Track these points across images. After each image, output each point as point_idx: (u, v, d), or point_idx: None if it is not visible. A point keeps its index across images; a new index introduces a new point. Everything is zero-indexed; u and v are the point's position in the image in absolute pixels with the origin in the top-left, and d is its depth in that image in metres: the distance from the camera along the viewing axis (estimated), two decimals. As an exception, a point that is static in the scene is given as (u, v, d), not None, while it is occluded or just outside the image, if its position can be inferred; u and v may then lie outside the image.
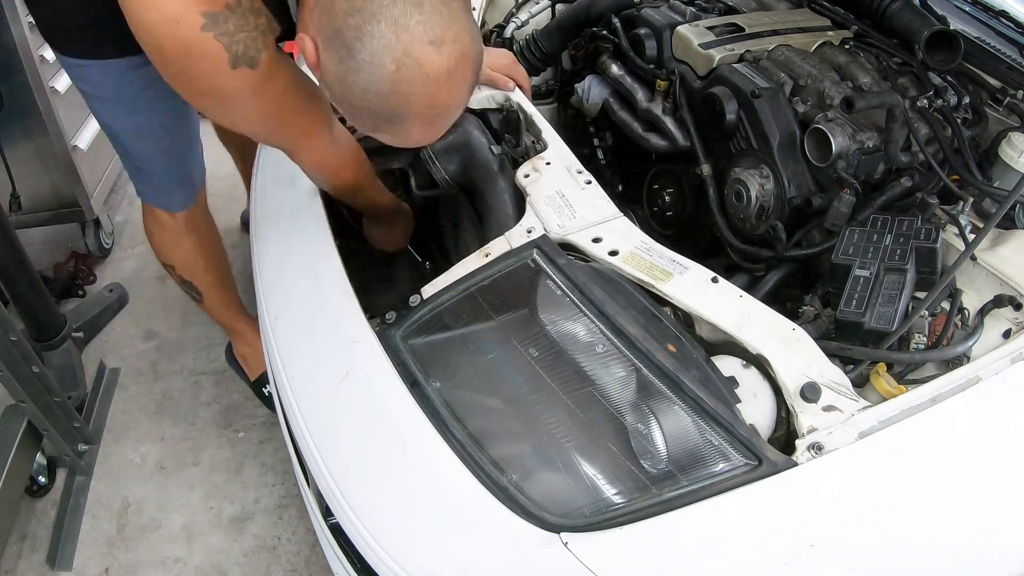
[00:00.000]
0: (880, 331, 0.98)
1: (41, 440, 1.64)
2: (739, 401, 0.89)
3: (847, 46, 1.41)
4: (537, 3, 1.87)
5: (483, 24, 1.87)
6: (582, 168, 1.20)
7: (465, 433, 0.90)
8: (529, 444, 0.92)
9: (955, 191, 1.16)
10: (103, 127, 1.30)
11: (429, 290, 1.04)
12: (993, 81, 1.31)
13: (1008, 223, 1.12)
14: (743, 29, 1.45)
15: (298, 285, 1.17)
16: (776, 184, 1.27)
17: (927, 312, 1.03)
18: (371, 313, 1.06)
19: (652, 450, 0.86)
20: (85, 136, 2.18)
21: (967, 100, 1.28)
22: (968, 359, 0.99)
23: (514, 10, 1.87)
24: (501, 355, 0.97)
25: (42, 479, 1.71)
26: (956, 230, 1.12)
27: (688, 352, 0.92)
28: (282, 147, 1.15)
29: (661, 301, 0.99)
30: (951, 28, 1.28)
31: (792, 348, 0.92)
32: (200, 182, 1.46)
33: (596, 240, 1.05)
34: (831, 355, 0.95)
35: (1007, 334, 1.02)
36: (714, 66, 1.38)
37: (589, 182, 1.16)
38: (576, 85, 1.67)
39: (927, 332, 1.03)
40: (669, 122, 1.45)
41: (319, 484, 0.96)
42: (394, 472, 0.91)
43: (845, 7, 1.50)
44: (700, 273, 1.01)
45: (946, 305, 1.06)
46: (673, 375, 0.88)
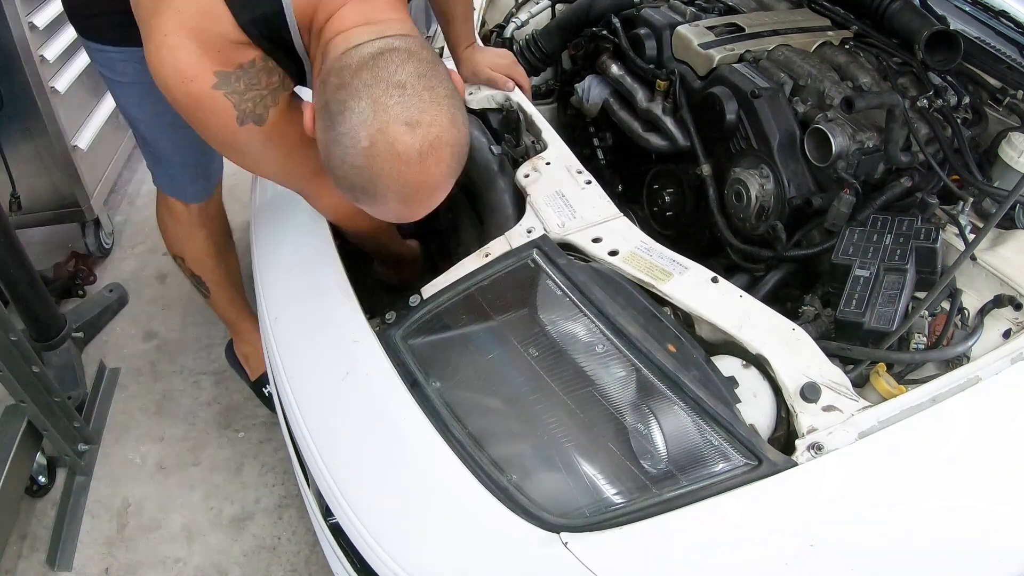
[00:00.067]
0: (880, 331, 0.98)
1: (41, 440, 1.64)
2: (739, 401, 0.89)
3: (847, 46, 1.41)
4: (537, 3, 1.87)
5: (483, 24, 1.87)
6: (582, 168, 1.20)
7: (465, 433, 0.90)
8: (529, 444, 0.92)
9: (955, 191, 1.16)
10: (122, 113, 1.31)
11: (429, 290, 1.04)
12: (993, 81, 1.31)
13: (1008, 223, 1.12)
14: (743, 29, 1.45)
15: (298, 285, 1.17)
16: (776, 184, 1.27)
17: (927, 312, 1.03)
18: (371, 313, 1.06)
19: (652, 450, 0.86)
20: (85, 136, 2.18)
21: (967, 100, 1.28)
22: (968, 359, 0.99)
23: (514, 10, 1.87)
24: (501, 355, 0.97)
25: (42, 479, 1.71)
26: (956, 230, 1.12)
27: (688, 352, 0.92)
28: (299, 192, 1.19)
29: (661, 301, 0.99)
30: (951, 28, 1.28)
31: (792, 348, 0.92)
32: (218, 176, 1.46)
33: (596, 240, 1.05)
34: (831, 355, 0.95)
35: (1007, 334, 1.02)
36: (714, 66, 1.38)
37: (589, 182, 1.16)
38: (576, 85, 1.67)
39: (927, 332, 1.03)
40: (669, 122, 1.45)
41: (319, 484, 0.96)
42: (394, 472, 0.91)
43: (845, 7, 1.50)
44: (700, 273, 1.01)
45: (946, 305, 1.06)
46: (673, 375, 0.88)
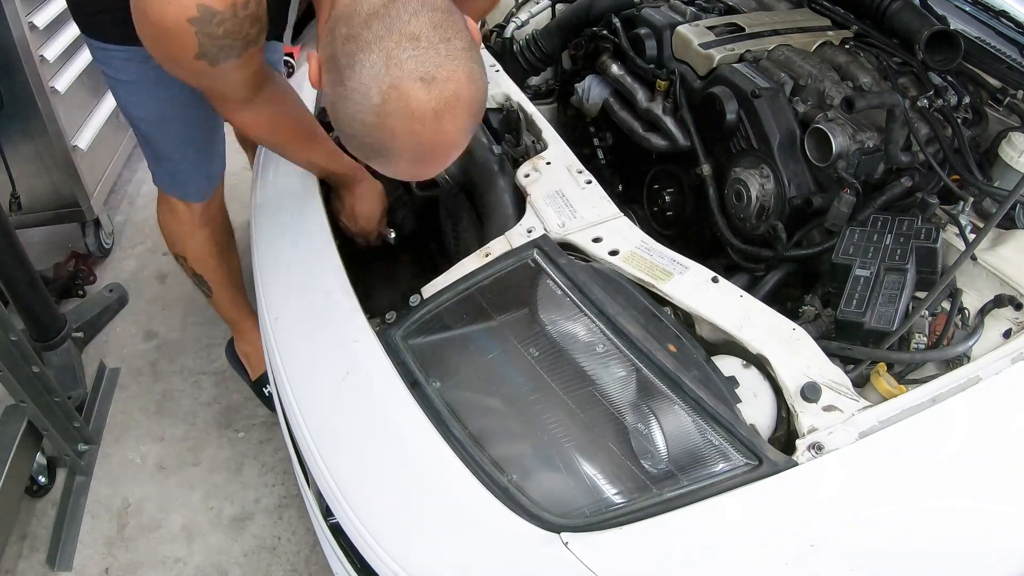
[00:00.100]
0: (880, 331, 0.98)
1: (41, 440, 1.64)
2: (739, 401, 0.89)
3: (847, 46, 1.41)
4: (537, 3, 1.87)
5: (483, 24, 1.87)
6: (582, 168, 1.20)
7: (465, 433, 0.90)
8: (529, 444, 0.92)
9: (955, 191, 1.16)
10: (123, 112, 1.29)
11: (429, 290, 1.04)
12: (993, 81, 1.31)
13: (1008, 223, 1.12)
14: (743, 29, 1.45)
15: (298, 285, 1.17)
16: (776, 184, 1.27)
17: (927, 312, 1.03)
18: (371, 313, 1.06)
19: (652, 450, 0.86)
20: (85, 136, 2.18)
21: (967, 100, 1.28)
22: (968, 359, 0.99)
23: (514, 10, 1.87)
24: (501, 355, 0.97)
25: (42, 479, 1.71)
26: (956, 230, 1.12)
27: (688, 352, 0.92)
28: (214, 103, 1.16)
29: (661, 301, 0.99)
30: (951, 28, 1.28)
31: (792, 348, 0.92)
32: (219, 175, 1.45)
33: (596, 240, 1.05)
34: (831, 355, 0.95)
35: (1007, 334, 1.02)
36: (714, 66, 1.38)
37: (589, 182, 1.16)
38: (576, 85, 1.67)
39: (927, 332, 1.03)
40: (669, 122, 1.45)
41: (319, 484, 0.96)
42: (394, 472, 0.91)
43: (845, 7, 1.50)
44: (700, 273, 1.01)
45: (946, 305, 1.05)
46: (673, 375, 0.88)
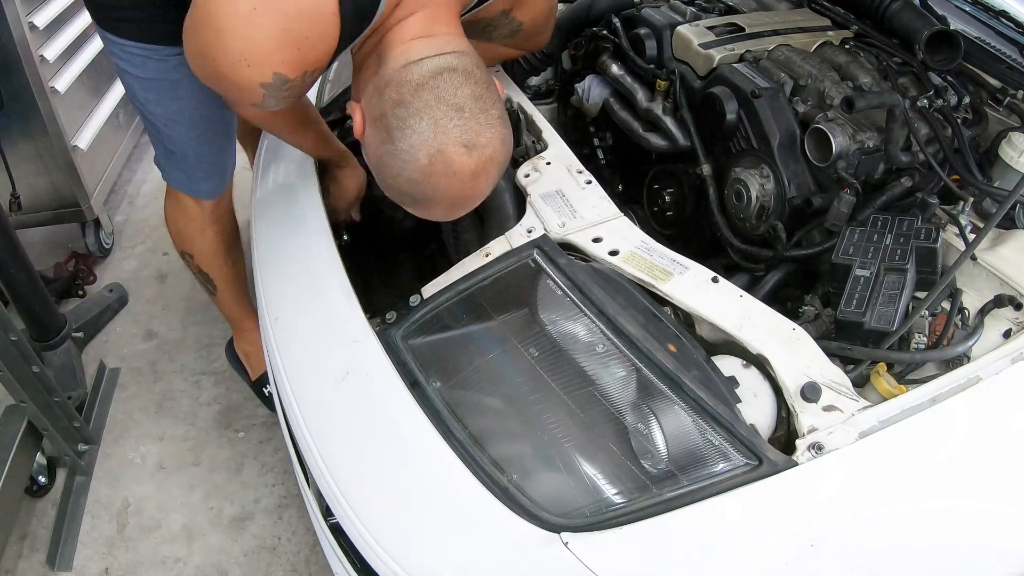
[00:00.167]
0: (880, 331, 0.98)
1: (41, 440, 1.64)
2: (739, 401, 0.89)
3: (847, 46, 1.41)
4: (537, 3, 1.87)
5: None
6: (582, 168, 1.20)
7: (465, 433, 0.90)
8: (529, 444, 0.92)
9: (955, 191, 1.16)
10: (138, 108, 1.28)
11: (429, 290, 1.04)
12: (993, 81, 1.31)
13: (1008, 223, 1.12)
14: (743, 29, 1.45)
15: (298, 285, 1.17)
16: (776, 184, 1.27)
17: (927, 312, 1.03)
18: (371, 313, 1.06)
19: (652, 450, 0.86)
20: (85, 136, 2.18)
21: (967, 100, 1.28)
22: (968, 359, 0.99)
23: (514, 10, 1.87)
24: (501, 355, 0.97)
25: (42, 479, 1.71)
26: (956, 230, 1.12)
27: (688, 352, 0.92)
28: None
29: (661, 301, 0.99)
30: (951, 28, 1.28)
31: (792, 348, 0.92)
32: (231, 171, 1.46)
33: (596, 240, 1.05)
34: (831, 355, 0.95)
35: (1007, 334, 1.02)
36: (714, 66, 1.38)
37: (589, 182, 1.16)
38: (576, 85, 1.67)
39: (927, 332, 1.03)
40: (669, 122, 1.45)
41: (319, 484, 0.96)
42: (394, 472, 0.91)
43: (845, 7, 1.50)
44: (700, 273, 1.01)
45: (946, 305, 1.05)
46: (673, 375, 0.88)
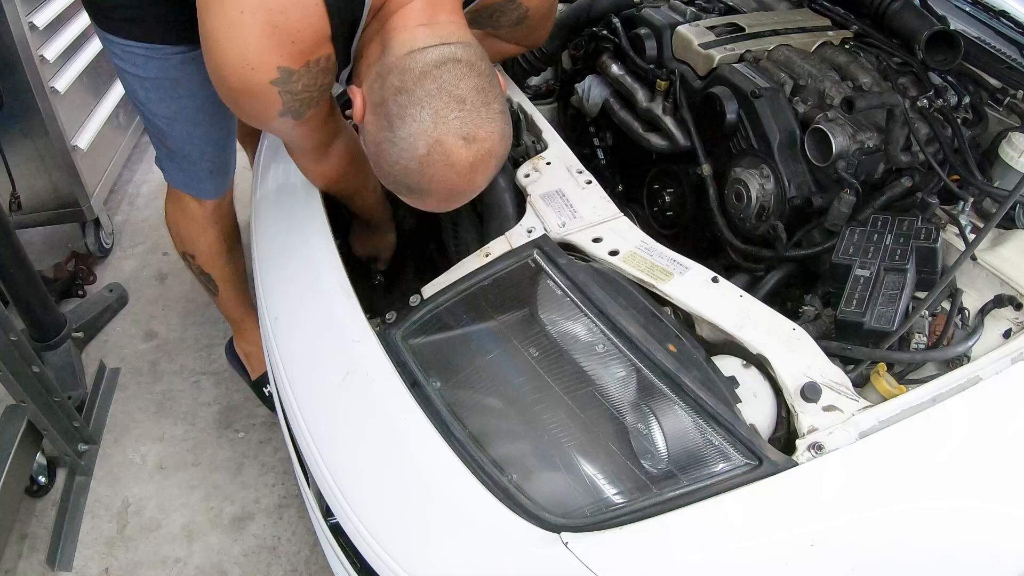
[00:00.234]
0: (880, 331, 0.98)
1: (41, 440, 1.64)
2: (739, 401, 0.89)
3: (847, 46, 1.41)
4: (537, 3, 1.87)
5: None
6: (582, 168, 1.20)
7: (465, 433, 0.90)
8: (529, 444, 0.92)
9: (955, 191, 1.16)
10: (140, 109, 1.27)
11: (429, 290, 1.04)
12: (993, 81, 1.31)
13: (1008, 223, 1.12)
14: (743, 29, 1.45)
15: (298, 285, 1.17)
16: (776, 184, 1.27)
17: (927, 312, 1.03)
18: (371, 313, 1.06)
19: (652, 450, 0.86)
20: (85, 136, 2.18)
21: (967, 100, 1.28)
22: (968, 359, 0.99)
23: (514, 10, 1.87)
24: (501, 355, 0.97)
25: (42, 479, 1.71)
26: (956, 230, 1.12)
27: (688, 352, 0.92)
28: (295, 155, 1.23)
29: (661, 301, 0.99)
30: (951, 28, 1.28)
31: (792, 348, 0.92)
32: (233, 171, 1.45)
33: (596, 240, 1.05)
34: (831, 355, 0.95)
35: (1007, 334, 1.02)
36: (714, 66, 1.38)
37: (589, 182, 1.16)
38: (576, 85, 1.67)
39: (927, 332, 1.03)
40: (669, 122, 1.45)
41: (319, 484, 0.96)
42: (394, 472, 0.91)
43: (845, 7, 1.50)
44: (700, 273, 1.01)
45: (946, 305, 1.05)
46: (673, 375, 0.88)
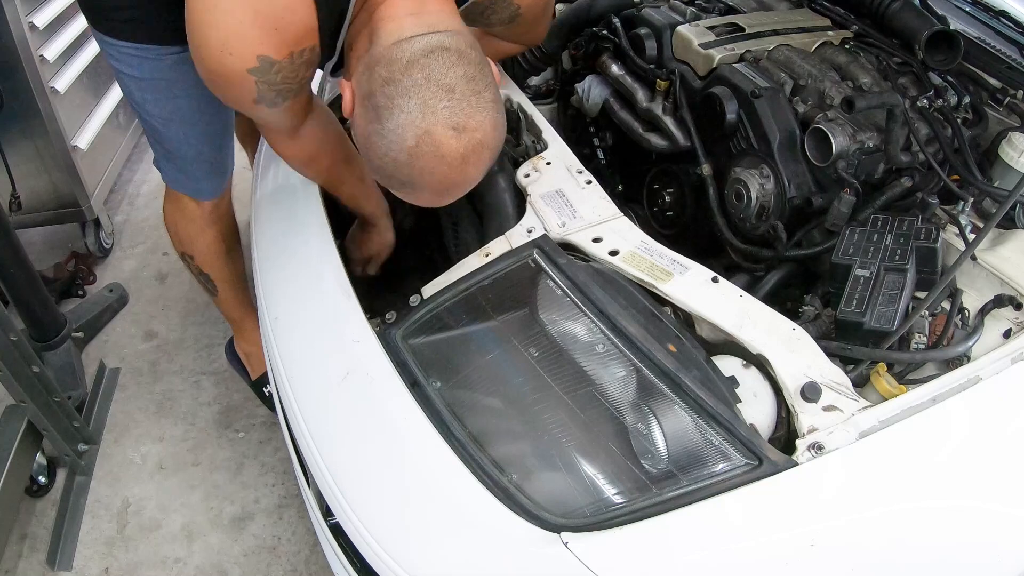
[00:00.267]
0: (880, 331, 0.98)
1: (41, 440, 1.64)
2: (739, 401, 0.89)
3: (847, 46, 1.41)
4: (537, 3, 1.87)
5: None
6: (582, 168, 1.20)
7: (465, 433, 0.90)
8: (529, 444, 0.92)
9: (955, 191, 1.16)
10: (136, 109, 1.27)
11: (429, 290, 1.04)
12: (993, 81, 1.31)
13: (1008, 223, 1.12)
14: (743, 29, 1.45)
15: (298, 285, 1.17)
16: (776, 184, 1.27)
17: (927, 312, 1.03)
18: (371, 313, 1.06)
19: (652, 450, 0.86)
20: (85, 136, 2.18)
21: (967, 100, 1.28)
22: (968, 359, 0.99)
23: (514, 10, 1.87)
24: (501, 355, 0.97)
25: (42, 479, 1.71)
26: (956, 230, 1.12)
27: (688, 352, 0.92)
28: (267, 135, 1.23)
29: (661, 301, 0.99)
30: (951, 28, 1.28)
31: (792, 348, 0.92)
32: (231, 171, 1.45)
33: (596, 240, 1.05)
34: (831, 355, 0.95)
35: (1007, 334, 1.02)
36: (714, 66, 1.38)
37: (589, 182, 1.16)
38: (576, 85, 1.67)
39: (927, 332, 1.03)
40: (669, 122, 1.45)
41: (319, 484, 0.96)
42: (394, 472, 0.91)
43: (845, 7, 1.50)
44: (700, 273, 1.01)
45: (946, 305, 1.05)
46: (673, 375, 0.88)
